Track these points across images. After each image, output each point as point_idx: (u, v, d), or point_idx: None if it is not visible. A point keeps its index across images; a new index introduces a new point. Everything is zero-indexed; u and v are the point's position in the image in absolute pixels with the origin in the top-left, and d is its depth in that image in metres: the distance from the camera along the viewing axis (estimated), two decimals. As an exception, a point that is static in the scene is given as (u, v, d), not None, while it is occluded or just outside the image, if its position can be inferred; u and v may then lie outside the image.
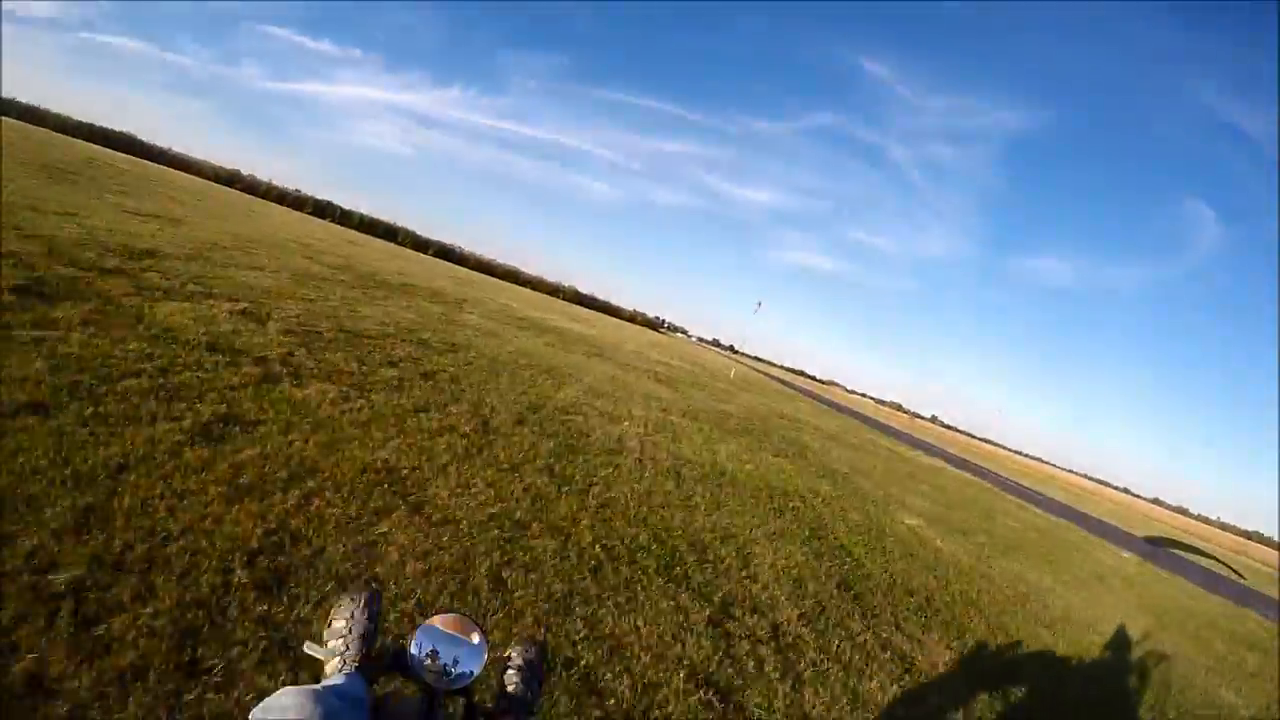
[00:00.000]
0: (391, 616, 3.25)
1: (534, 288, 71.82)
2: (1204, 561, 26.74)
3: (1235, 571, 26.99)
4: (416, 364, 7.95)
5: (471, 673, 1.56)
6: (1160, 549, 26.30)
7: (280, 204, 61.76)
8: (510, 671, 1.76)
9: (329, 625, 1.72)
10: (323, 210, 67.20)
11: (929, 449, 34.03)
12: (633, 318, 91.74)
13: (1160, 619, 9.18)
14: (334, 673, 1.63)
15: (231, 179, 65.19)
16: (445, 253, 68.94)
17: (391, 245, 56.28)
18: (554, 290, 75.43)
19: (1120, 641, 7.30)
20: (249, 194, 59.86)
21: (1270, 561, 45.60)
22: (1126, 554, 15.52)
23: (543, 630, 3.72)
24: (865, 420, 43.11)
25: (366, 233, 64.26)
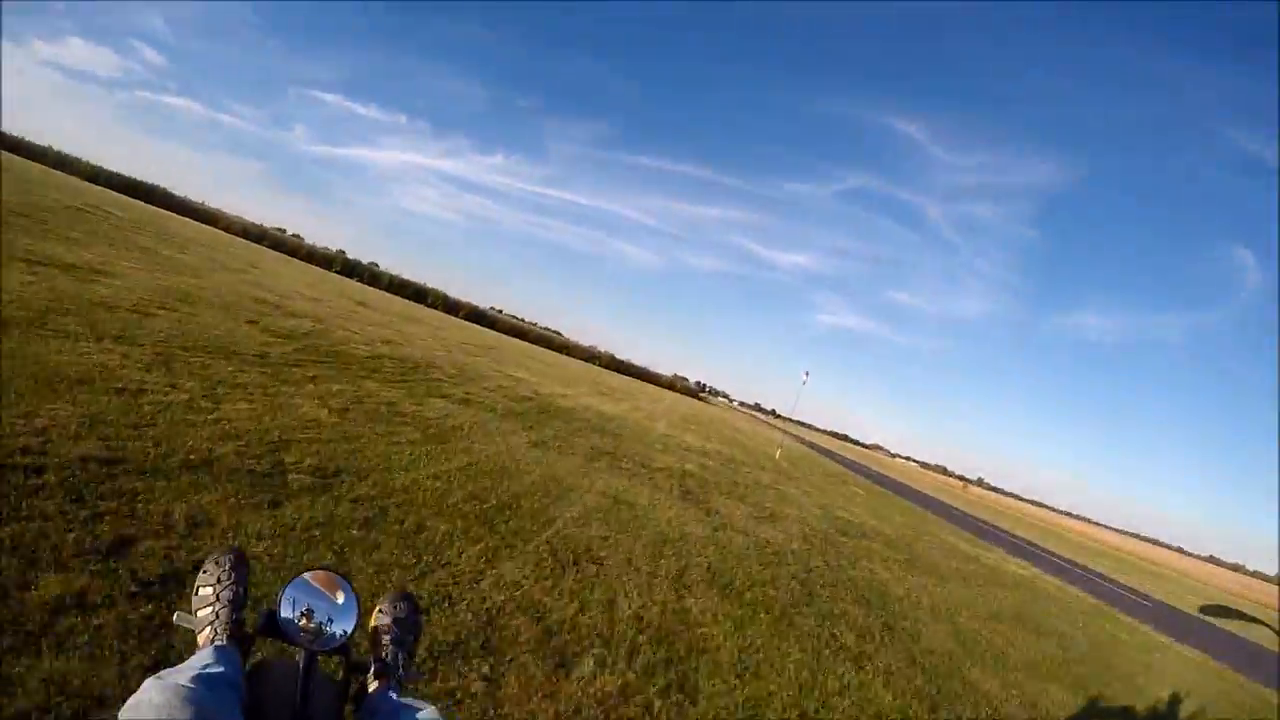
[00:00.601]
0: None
1: (570, 353, 68.76)
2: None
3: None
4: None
5: (346, 631, 1.66)
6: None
7: (308, 261, 59.27)
8: (383, 622, 1.90)
9: (196, 593, 1.78)
10: (351, 270, 64.40)
11: (996, 535, 30.31)
12: (672, 384, 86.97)
13: None
14: (206, 644, 1.66)
15: (260, 235, 62.82)
16: (477, 315, 65.31)
17: (413, 306, 52.43)
18: (590, 356, 72.08)
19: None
20: (274, 249, 57.37)
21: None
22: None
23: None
24: (926, 503, 38.95)
25: (396, 293, 60.10)
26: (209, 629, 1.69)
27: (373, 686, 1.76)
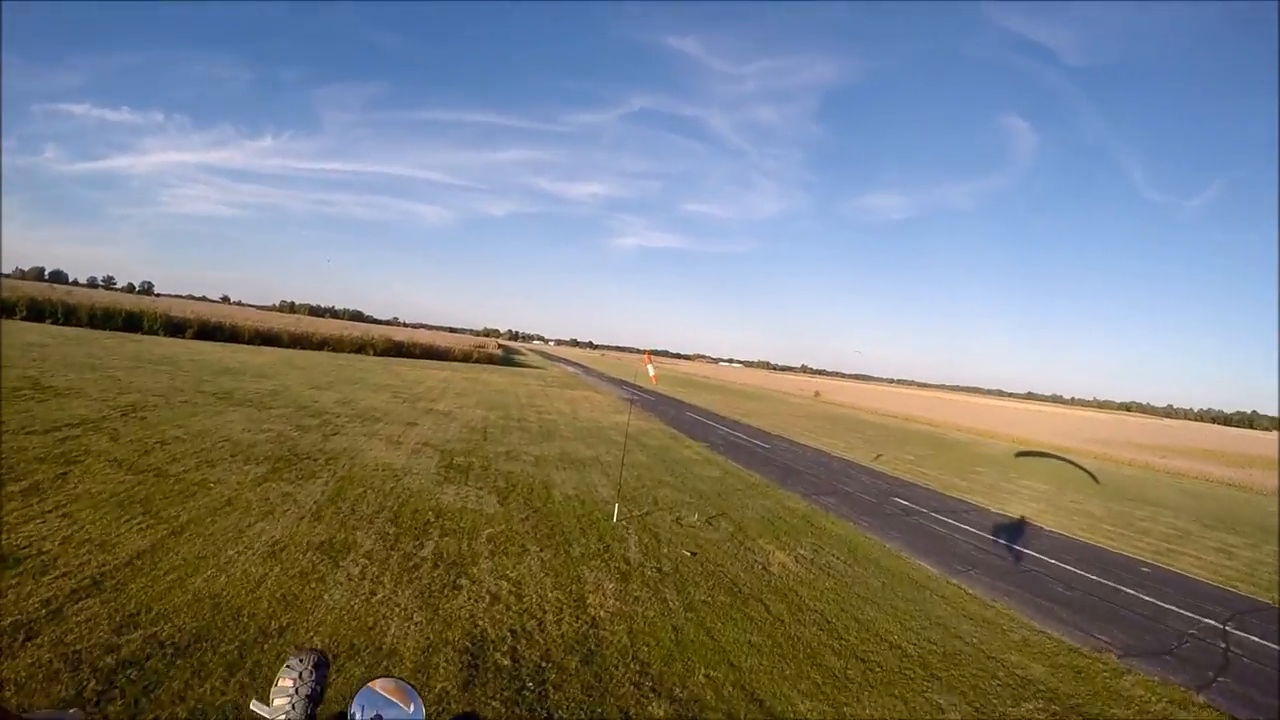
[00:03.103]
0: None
1: (334, 347, 62.08)
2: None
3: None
4: None
5: None
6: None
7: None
8: None
9: (276, 685, 2.00)
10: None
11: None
12: (469, 355, 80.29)
13: None
14: None
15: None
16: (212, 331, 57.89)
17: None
18: (361, 346, 64.49)
19: None
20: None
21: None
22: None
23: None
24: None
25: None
26: (284, 718, 1.93)
27: None
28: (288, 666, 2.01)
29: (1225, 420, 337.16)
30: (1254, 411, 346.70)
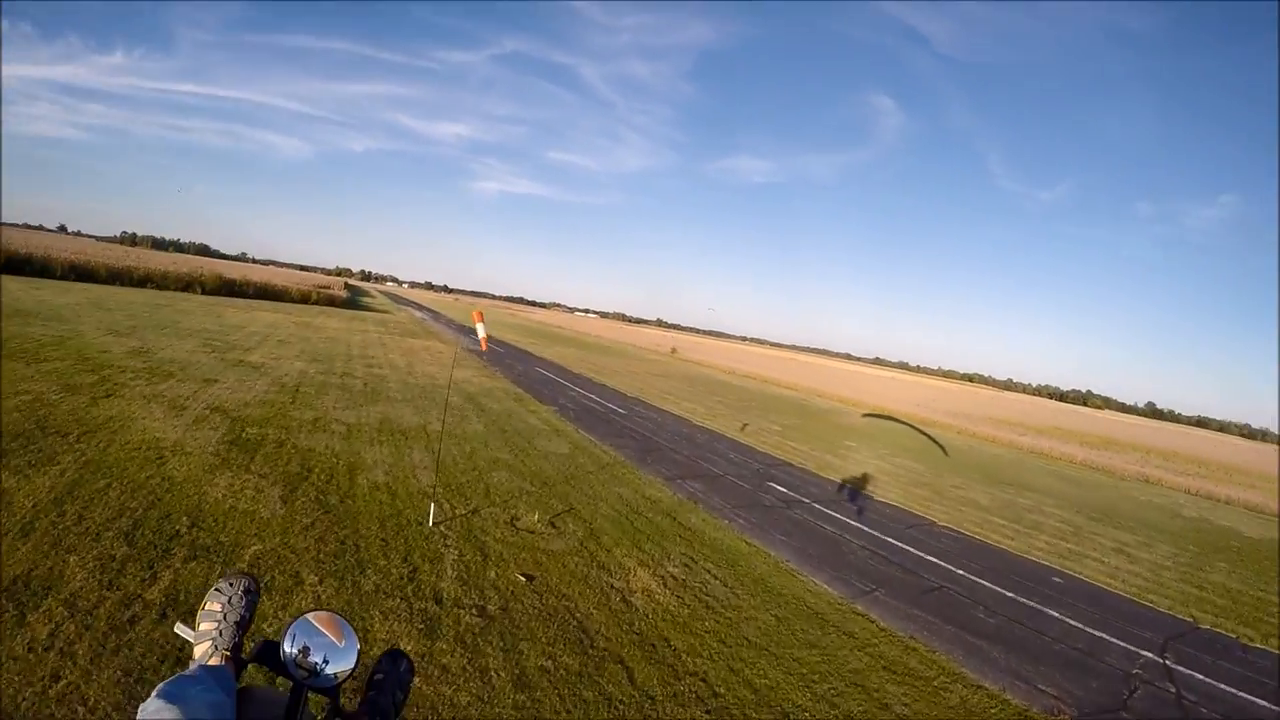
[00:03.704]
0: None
1: (158, 285, 55.61)
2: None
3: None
4: None
5: (339, 674, 1.84)
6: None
7: None
8: (377, 678, 1.98)
9: (204, 608, 1.97)
10: None
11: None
12: (307, 296, 74.43)
13: None
14: (203, 657, 1.89)
15: None
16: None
17: None
18: (188, 284, 58.07)
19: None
20: None
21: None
22: None
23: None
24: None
25: None
26: (209, 644, 1.90)
27: None
28: (216, 590, 2.01)
29: (1061, 397, 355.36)
30: (1088, 391, 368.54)
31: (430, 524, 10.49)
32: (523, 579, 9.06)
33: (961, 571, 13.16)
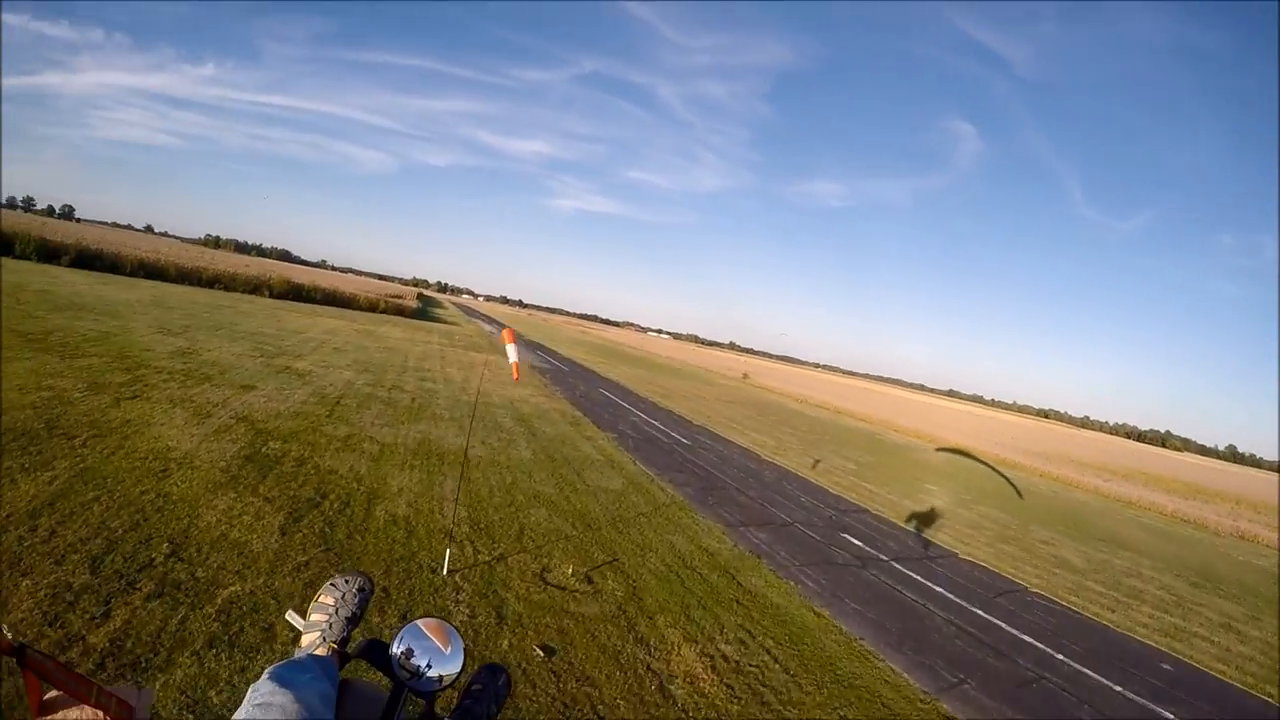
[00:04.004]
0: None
1: (226, 286, 55.38)
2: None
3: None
4: None
5: (441, 679, 1.90)
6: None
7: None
8: (475, 688, 2.06)
9: (317, 600, 2.08)
10: None
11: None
12: (377, 303, 74.37)
13: None
14: (310, 646, 1.98)
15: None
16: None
17: None
18: (255, 286, 57.90)
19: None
20: None
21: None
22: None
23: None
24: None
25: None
26: (318, 635, 2.00)
27: None
28: (331, 584, 2.10)
29: (1139, 437, 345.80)
30: (1167, 431, 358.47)
31: (445, 571, 9.07)
32: (540, 653, 7.53)
33: (1061, 656, 11.29)
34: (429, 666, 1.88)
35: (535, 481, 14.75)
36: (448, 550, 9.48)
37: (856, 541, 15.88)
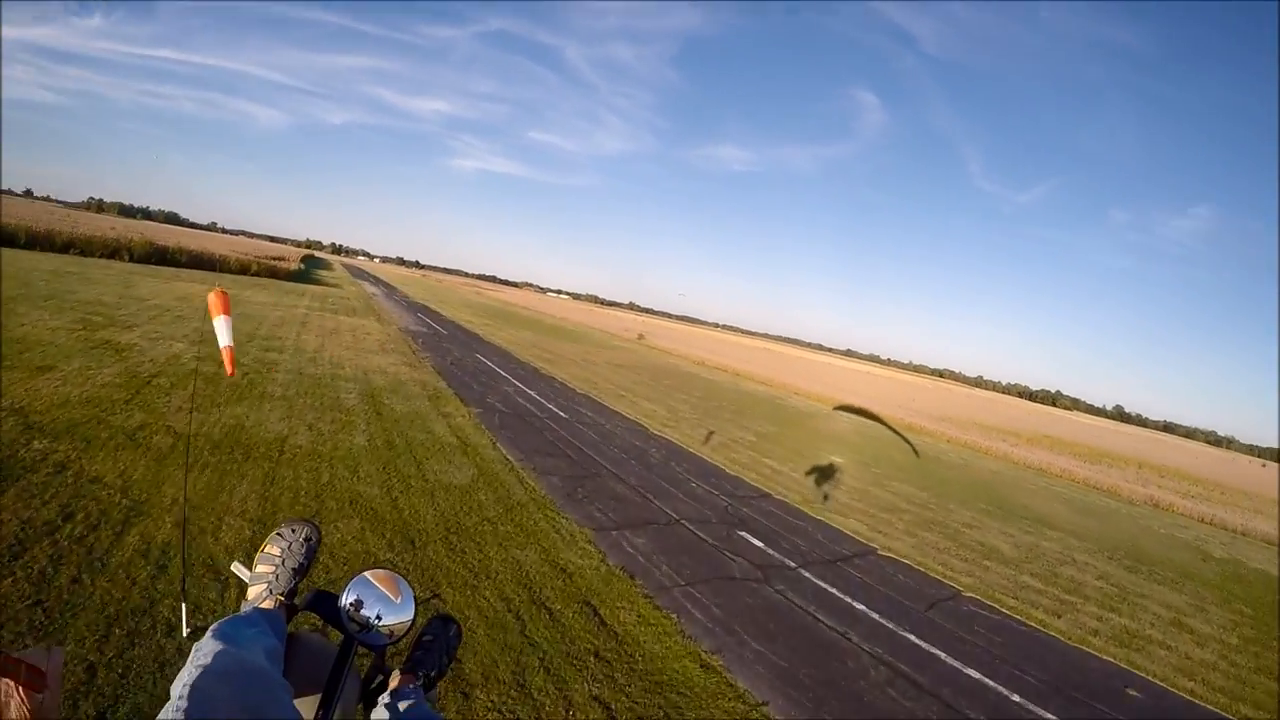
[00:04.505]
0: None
1: (82, 250, 49.90)
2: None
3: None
4: None
5: (392, 631, 1.87)
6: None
7: None
8: (425, 639, 2.13)
9: (262, 550, 2.03)
10: None
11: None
12: (275, 258, 69.43)
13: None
14: (256, 599, 1.96)
15: None
16: None
17: None
18: (114, 250, 52.52)
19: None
20: None
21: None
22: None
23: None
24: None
25: None
26: (264, 587, 1.96)
27: (399, 680, 1.97)
28: (277, 534, 2.03)
29: (1031, 396, 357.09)
30: (1058, 391, 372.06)
31: (185, 633, 5.92)
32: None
33: (1019, 697, 8.80)
34: (379, 618, 1.83)
35: (359, 479, 11.59)
36: (183, 606, 6.47)
37: (757, 543, 13.02)
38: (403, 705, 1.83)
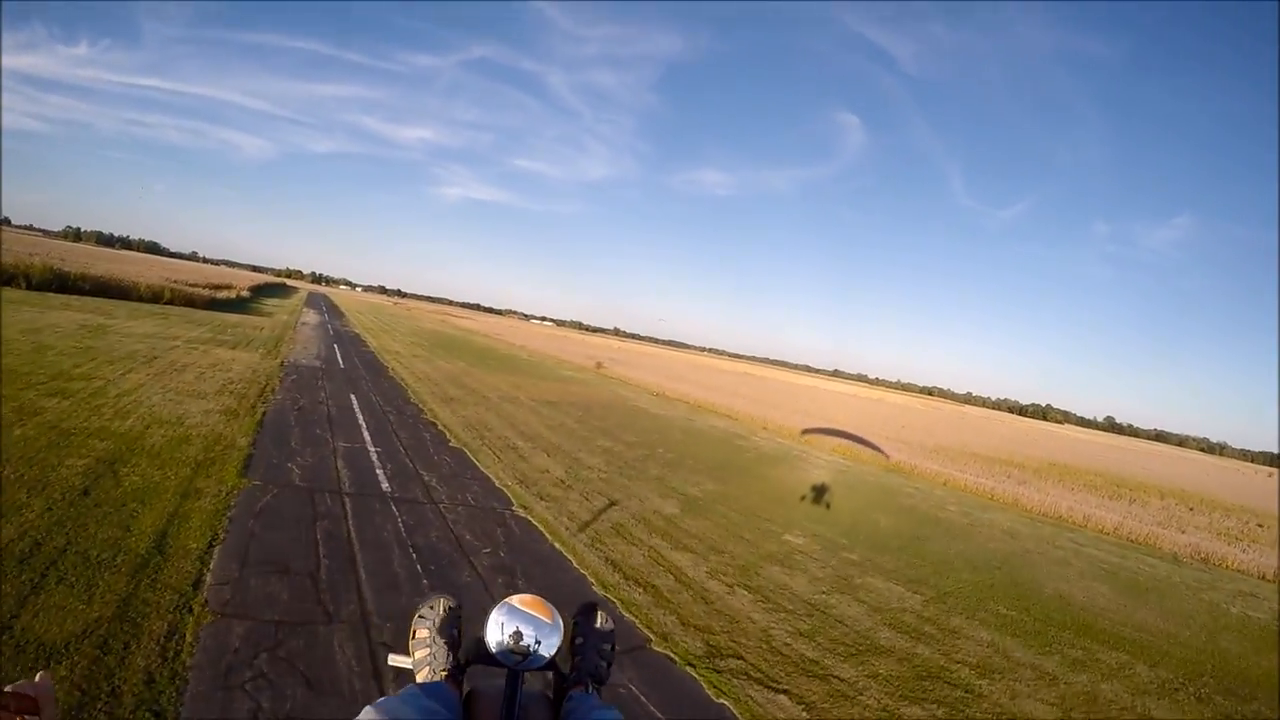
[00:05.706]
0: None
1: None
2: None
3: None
4: None
5: (551, 653, 1.91)
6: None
7: None
8: (577, 641, 2.20)
9: (413, 637, 2.08)
10: None
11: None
12: (220, 286, 63.57)
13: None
14: (424, 681, 1.96)
15: None
16: None
17: None
18: (9, 278, 46.43)
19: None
20: None
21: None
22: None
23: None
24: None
25: None
26: (426, 670, 2.00)
27: (574, 691, 2.01)
28: (420, 617, 2.09)
29: (1021, 411, 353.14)
30: (1047, 405, 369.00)
31: None
32: None
33: None
34: (538, 643, 1.86)
35: None
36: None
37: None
38: (575, 716, 1.85)
